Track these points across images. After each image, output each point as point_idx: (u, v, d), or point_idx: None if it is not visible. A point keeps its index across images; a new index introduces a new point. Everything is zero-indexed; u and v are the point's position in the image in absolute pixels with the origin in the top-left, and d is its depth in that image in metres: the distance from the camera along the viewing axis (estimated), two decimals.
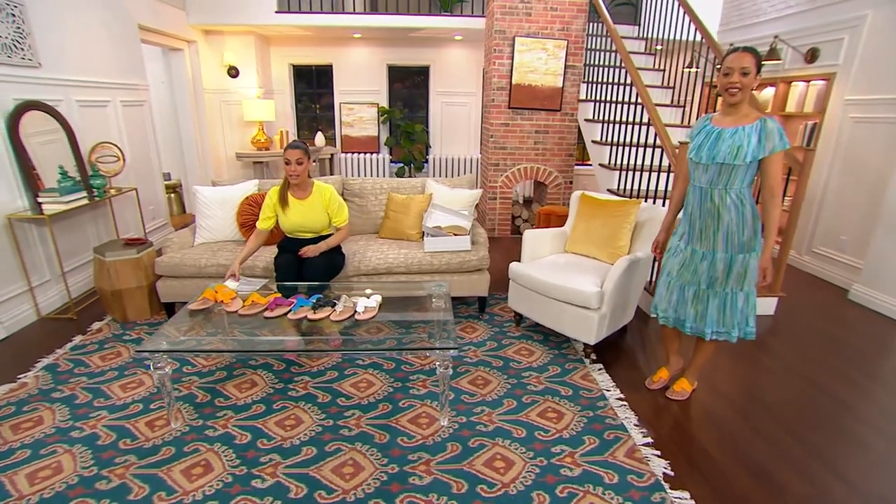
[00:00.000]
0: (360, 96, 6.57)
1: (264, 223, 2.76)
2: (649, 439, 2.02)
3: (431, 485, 1.76)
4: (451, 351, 1.94)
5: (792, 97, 4.41)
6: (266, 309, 2.23)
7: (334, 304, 2.23)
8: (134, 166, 4.07)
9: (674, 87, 4.62)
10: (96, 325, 2.94)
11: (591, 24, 4.58)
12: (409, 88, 6.86)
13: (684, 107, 4.40)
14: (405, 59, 6.53)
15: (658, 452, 1.94)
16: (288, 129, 6.05)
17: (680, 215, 2.21)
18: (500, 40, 4.48)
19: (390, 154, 6.81)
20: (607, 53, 4.45)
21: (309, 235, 2.80)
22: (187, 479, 1.76)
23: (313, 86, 6.81)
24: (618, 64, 4.20)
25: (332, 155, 6.15)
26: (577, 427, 2.08)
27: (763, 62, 4.42)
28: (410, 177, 6.37)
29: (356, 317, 2.18)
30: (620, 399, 2.29)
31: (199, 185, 3.58)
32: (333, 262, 2.77)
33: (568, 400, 2.27)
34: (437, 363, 1.97)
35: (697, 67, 5.01)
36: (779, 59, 4.27)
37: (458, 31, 5.82)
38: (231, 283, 2.50)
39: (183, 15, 5.05)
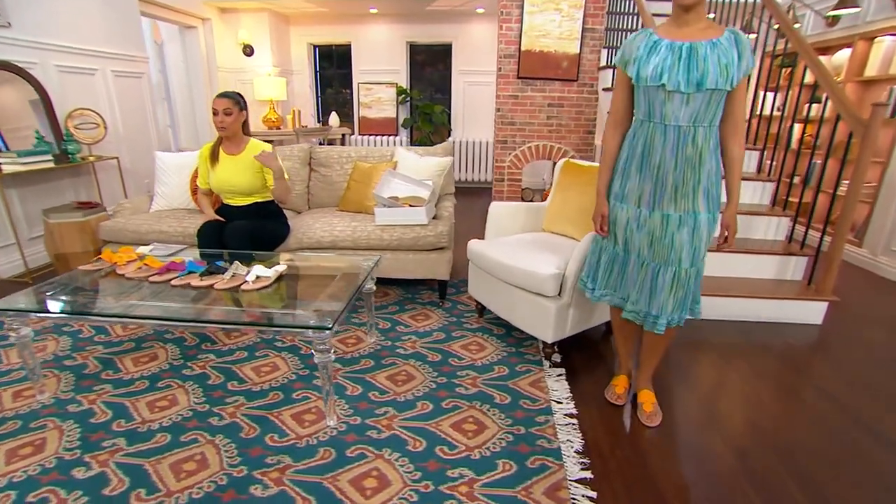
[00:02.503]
0: (378, 76, 6.31)
1: (201, 182, 2.57)
2: (588, 474, 1.49)
3: (273, 499, 1.37)
4: (326, 332, 1.54)
5: (874, 57, 3.49)
6: (154, 273, 1.96)
7: (226, 272, 1.91)
8: (127, 137, 4.06)
9: None
10: None
11: None
12: (440, 71, 6.51)
13: None
14: (426, 37, 6.17)
15: (593, 494, 1.41)
16: (300, 109, 5.92)
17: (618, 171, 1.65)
18: (508, 1, 3.98)
19: (410, 137, 6.49)
20: (633, 17, 3.80)
21: (239, 199, 2.53)
22: (6, 460, 1.51)
23: (335, 67, 6.65)
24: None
25: (343, 135, 5.94)
26: (497, 446, 1.59)
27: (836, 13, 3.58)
28: None
29: (243, 287, 1.85)
30: (570, 415, 1.77)
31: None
32: (263, 230, 2.46)
33: (501, 410, 1.78)
34: (313, 347, 1.58)
35: (755, 32, 4.20)
36: (857, 7, 3.39)
37: (479, 3, 5.36)
38: (144, 248, 2.27)
39: None
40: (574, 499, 1.38)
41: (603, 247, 1.71)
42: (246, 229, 2.36)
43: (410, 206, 2.58)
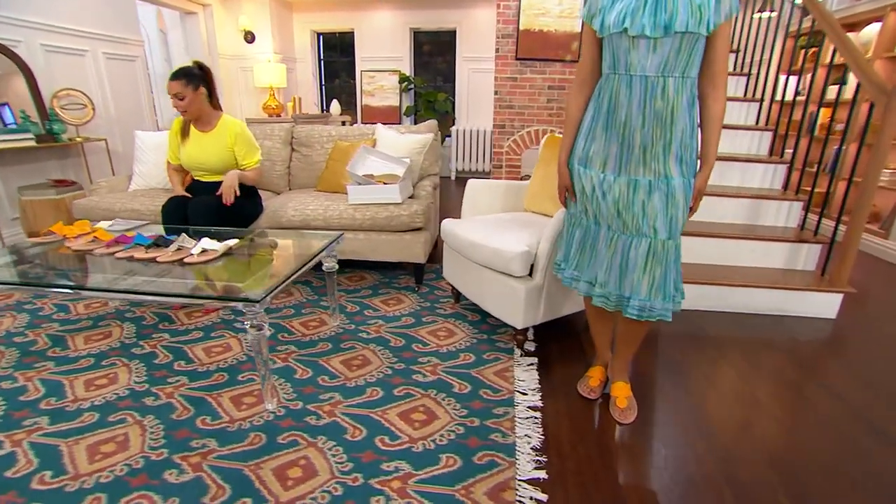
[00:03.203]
0: (381, 63, 6.19)
1: (170, 156, 2.47)
2: (541, 473, 1.31)
3: (185, 485, 1.24)
4: (255, 306, 1.40)
5: None
6: (101, 246, 1.86)
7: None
8: (120, 120, 4.03)
9: (738, 51, 3.55)
10: None
11: None
12: (447, 60, 6.35)
13: (748, 76, 3.31)
14: (429, 23, 6.01)
15: (543, 497, 1.23)
16: (303, 97, 5.84)
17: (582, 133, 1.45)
18: None
19: (414, 126, 6.34)
20: None
21: (209, 177, 2.42)
22: None
23: (339, 54, 6.56)
24: None
25: (343, 123, 5.84)
26: (444, 439, 1.43)
27: None
28: None
29: (186, 259, 1.73)
30: (533, 408, 1.59)
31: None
32: (231, 207, 2.34)
33: (457, 399, 1.62)
34: (246, 323, 1.45)
35: (773, 10, 3.92)
36: None
37: None
38: (104, 223, 2.19)
39: None
40: (520, 500, 1.21)
41: (575, 221, 1.53)
42: (211, 205, 2.25)
43: (384, 184, 2.43)
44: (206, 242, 1.79)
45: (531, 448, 1.40)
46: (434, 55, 6.46)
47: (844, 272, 2.24)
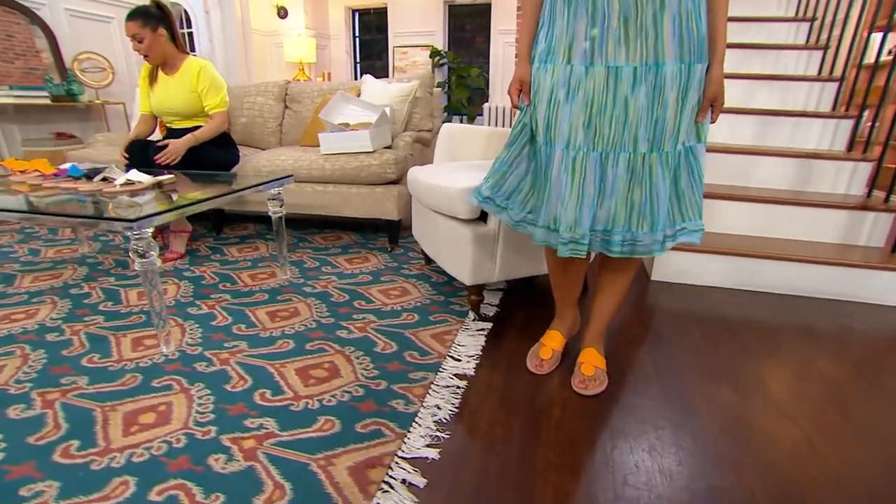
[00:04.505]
0: (415, 38, 5.99)
1: (141, 104, 2.39)
2: (433, 453, 1.01)
3: (22, 421, 1.09)
4: (133, 225, 1.22)
5: None
6: (40, 178, 1.79)
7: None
8: None
9: None
10: None
11: None
12: (487, 39, 6.04)
13: (812, 21, 2.73)
14: None
15: (422, 482, 0.94)
16: (330, 71, 5.79)
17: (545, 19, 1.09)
18: None
19: (448, 101, 6.09)
20: None
21: (179, 122, 2.32)
22: None
23: (374, 32, 6.46)
24: None
25: None
26: (335, 399, 1.17)
27: None
28: None
29: (104, 189, 1.60)
30: (460, 376, 1.28)
31: None
32: (198, 153, 2.22)
33: (374, 359, 1.35)
34: (130, 248, 1.27)
35: None
36: None
37: None
38: (66, 165, 2.14)
39: None
40: (388, 482, 0.92)
41: (517, 139, 1.19)
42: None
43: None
44: (133, 174, 1.65)
45: (434, 421, 1.10)
46: (475, 32, 6.16)
47: None
